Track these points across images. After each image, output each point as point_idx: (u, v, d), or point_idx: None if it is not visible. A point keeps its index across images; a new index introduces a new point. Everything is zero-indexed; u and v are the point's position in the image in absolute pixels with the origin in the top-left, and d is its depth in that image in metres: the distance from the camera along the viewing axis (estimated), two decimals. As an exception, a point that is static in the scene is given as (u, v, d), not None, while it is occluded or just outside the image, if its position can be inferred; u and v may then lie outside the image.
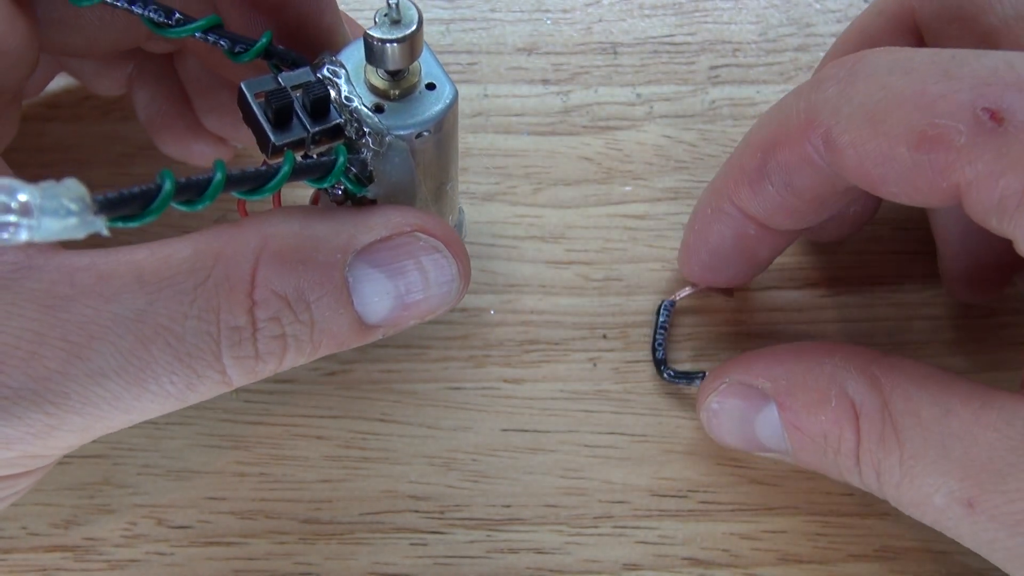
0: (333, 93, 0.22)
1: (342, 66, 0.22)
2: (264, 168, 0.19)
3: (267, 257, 0.20)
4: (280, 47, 0.23)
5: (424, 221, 0.22)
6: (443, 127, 0.22)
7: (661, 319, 0.30)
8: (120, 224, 0.16)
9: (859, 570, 0.28)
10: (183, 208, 0.18)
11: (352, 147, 0.22)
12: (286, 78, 0.21)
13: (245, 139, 0.29)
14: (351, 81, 0.22)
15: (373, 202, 0.23)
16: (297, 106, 0.21)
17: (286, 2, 0.23)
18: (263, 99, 0.21)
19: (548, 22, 0.36)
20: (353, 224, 0.21)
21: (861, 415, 0.23)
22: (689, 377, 0.29)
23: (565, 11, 0.36)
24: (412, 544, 0.28)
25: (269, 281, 0.20)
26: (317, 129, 0.21)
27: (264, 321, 0.20)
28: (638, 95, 0.35)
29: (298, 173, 0.20)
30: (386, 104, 0.22)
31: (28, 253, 0.19)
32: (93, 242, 0.28)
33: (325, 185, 0.21)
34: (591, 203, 0.33)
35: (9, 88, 0.22)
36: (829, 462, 0.24)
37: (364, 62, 0.22)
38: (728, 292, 0.31)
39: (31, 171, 0.17)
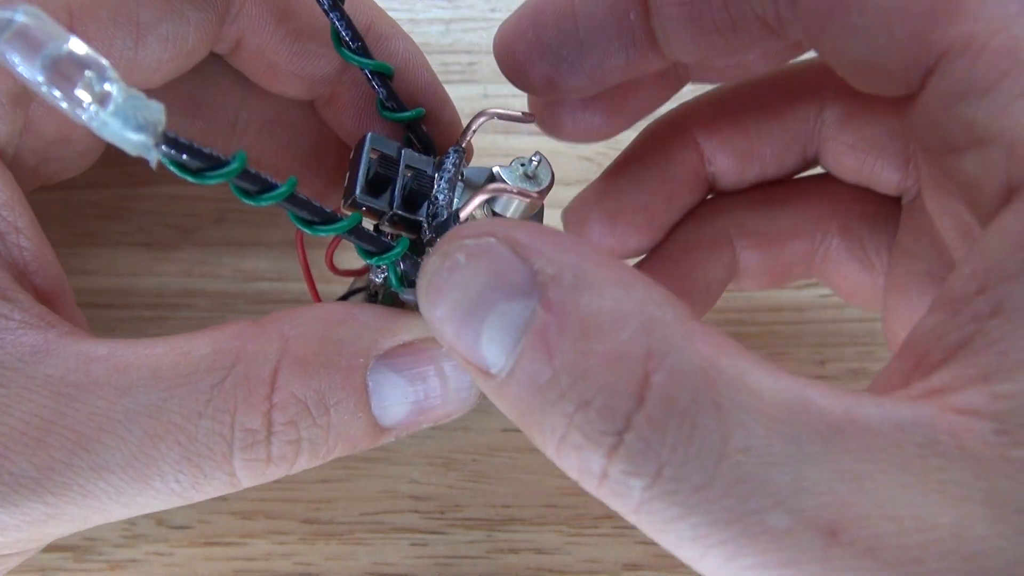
0: (434, 191, 0.22)
1: (460, 174, 0.22)
2: (329, 210, 0.19)
3: (289, 360, 0.20)
4: (424, 129, 0.23)
5: None
6: None
7: (446, 169, 0.22)
8: (169, 167, 0.15)
9: (859, 570, 0.28)
10: (237, 193, 0.17)
11: (416, 248, 0.22)
12: (407, 156, 0.22)
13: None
14: (453, 191, 0.22)
15: (402, 305, 0.23)
16: (398, 183, 0.21)
17: (413, 95, 0.24)
18: (376, 157, 0.21)
19: (548, 22, 0.36)
20: (376, 328, 0.21)
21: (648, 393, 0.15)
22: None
23: (565, 11, 0.36)
24: (412, 544, 0.28)
25: (290, 384, 0.20)
26: (399, 213, 0.21)
27: (281, 425, 0.20)
28: (638, 95, 0.35)
29: (358, 234, 0.20)
30: None
31: (47, 337, 0.19)
32: (113, 332, 0.28)
33: (370, 262, 0.21)
34: (591, 203, 0.33)
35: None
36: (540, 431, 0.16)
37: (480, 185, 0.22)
38: (526, 116, 0.24)
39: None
